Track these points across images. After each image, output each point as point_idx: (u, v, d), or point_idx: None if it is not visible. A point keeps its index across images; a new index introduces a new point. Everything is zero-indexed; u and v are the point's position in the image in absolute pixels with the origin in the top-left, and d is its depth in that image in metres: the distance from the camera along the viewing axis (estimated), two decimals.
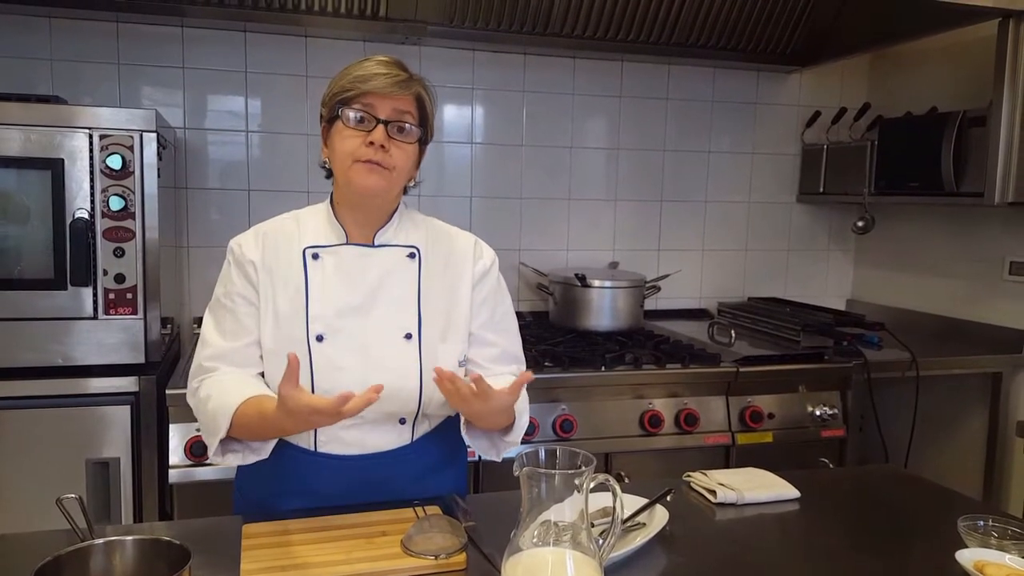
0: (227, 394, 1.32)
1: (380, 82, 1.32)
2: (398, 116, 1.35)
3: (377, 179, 1.34)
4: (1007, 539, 1.29)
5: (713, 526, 1.44)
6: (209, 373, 1.39)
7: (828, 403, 2.51)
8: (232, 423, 1.29)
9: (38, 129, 2.00)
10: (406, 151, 1.37)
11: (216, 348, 1.40)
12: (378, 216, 1.44)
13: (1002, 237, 2.79)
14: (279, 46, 2.71)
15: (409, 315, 1.42)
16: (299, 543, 1.25)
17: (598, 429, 2.32)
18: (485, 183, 2.99)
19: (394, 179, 1.37)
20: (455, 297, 1.47)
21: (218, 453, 1.34)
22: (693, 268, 3.27)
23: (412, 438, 1.45)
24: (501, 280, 1.54)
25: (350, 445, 1.40)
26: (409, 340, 1.41)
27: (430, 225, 1.52)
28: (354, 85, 1.33)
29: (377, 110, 1.34)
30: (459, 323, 1.46)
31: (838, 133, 3.17)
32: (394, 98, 1.34)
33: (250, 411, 1.29)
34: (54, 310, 2.05)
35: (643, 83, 3.11)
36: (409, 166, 1.40)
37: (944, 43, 2.89)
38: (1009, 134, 2.41)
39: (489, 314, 1.50)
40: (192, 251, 2.70)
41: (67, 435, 2.05)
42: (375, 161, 1.33)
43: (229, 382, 1.36)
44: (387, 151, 1.33)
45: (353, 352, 1.39)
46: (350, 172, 1.35)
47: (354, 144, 1.34)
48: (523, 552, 1.02)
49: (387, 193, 1.40)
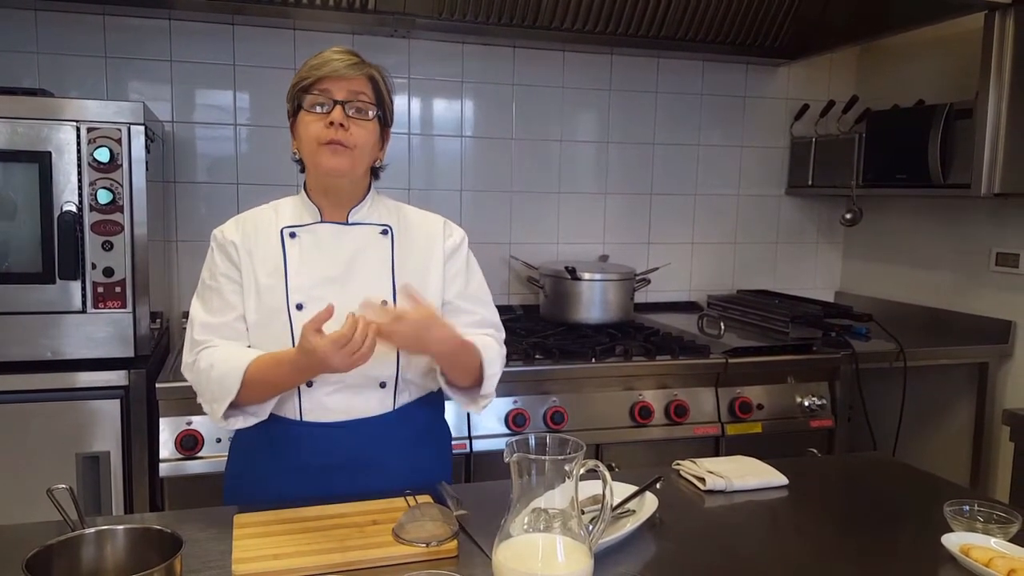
0: (231, 358, 1.40)
1: (333, 66, 1.41)
2: (353, 96, 1.42)
3: (341, 159, 1.42)
4: (992, 523, 1.30)
5: (702, 513, 1.46)
6: (203, 345, 1.45)
7: (817, 394, 2.53)
8: (244, 381, 1.35)
9: (25, 122, 1.99)
10: (366, 128, 1.44)
11: (205, 323, 1.47)
12: (349, 197, 1.51)
13: (988, 228, 2.81)
14: (267, 39, 2.70)
15: (385, 285, 1.49)
16: (290, 532, 1.26)
17: (589, 420, 2.33)
18: (475, 177, 2.99)
19: (357, 157, 1.44)
20: (427, 272, 1.54)
21: (223, 418, 1.40)
22: (683, 261, 3.28)
23: (394, 405, 1.49)
24: (471, 256, 1.61)
25: (334, 412, 1.46)
26: (385, 307, 1.46)
27: (400, 208, 1.60)
28: (310, 72, 1.42)
29: (333, 92, 1.41)
30: (432, 295, 1.52)
31: (826, 126, 3.19)
32: (348, 79, 1.42)
33: (263, 363, 1.38)
34: (42, 304, 2.04)
35: (632, 76, 3.11)
36: (371, 144, 1.47)
37: (931, 36, 2.91)
38: (995, 126, 2.43)
39: (462, 285, 1.57)
40: (181, 245, 2.69)
41: (57, 429, 2.04)
42: (337, 140, 1.40)
43: (229, 349, 1.43)
44: (347, 130, 1.41)
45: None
46: (316, 156, 1.42)
47: (317, 128, 1.41)
48: (513, 538, 1.03)
49: (353, 172, 1.46)
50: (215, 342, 1.44)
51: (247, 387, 1.37)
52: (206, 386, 1.42)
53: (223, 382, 1.37)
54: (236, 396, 1.37)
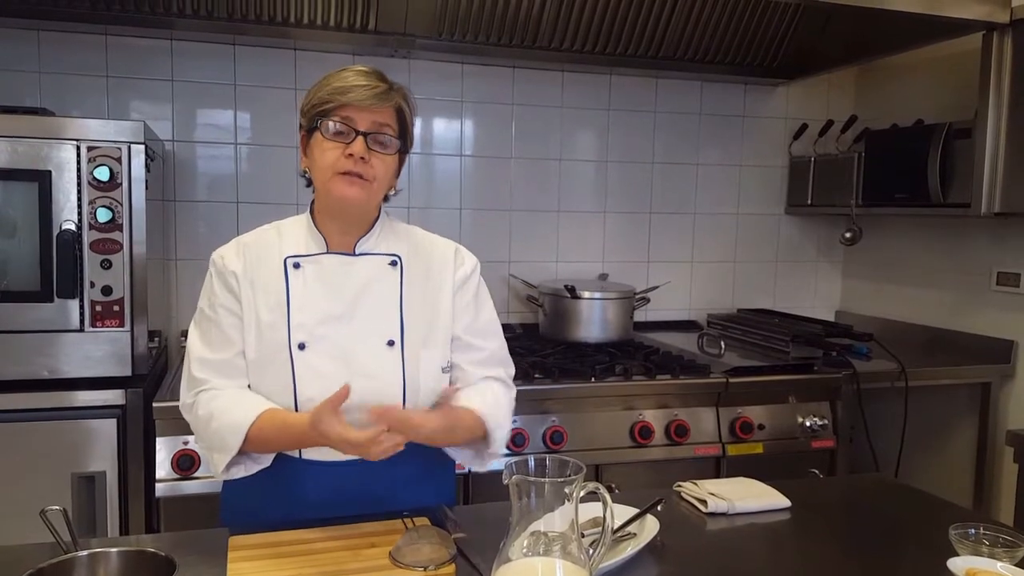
0: (232, 412, 1.34)
1: (359, 94, 1.33)
2: (377, 128, 1.36)
3: (357, 191, 1.36)
4: (998, 547, 1.29)
5: (704, 536, 1.44)
6: (202, 386, 1.40)
7: (818, 414, 2.51)
8: (247, 439, 1.31)
9: (25, 141, 1.99)
10: (386, 162, 1.38)
11: (204, 360, 1.41)
12: (359, 225, 1.45)
13: (989, 248, 2.81)
14: (268, 59, 2.71)
15: (391, 322, 1.43)
16: (286, 555, 1.24)
17: (588, 441, 2.32)
18: (474, 195, 3.00)
19: (374, 190, 1.38)
20: (437, 304, 1.48)
21: (224, 469, 1.35)
22: (682, 280, 3.28)
23: None
24: (483, 286, 1.55)
25: (334, 451, 1.39)
26: (391, 347, 1.42)
27: (411, 234, 1.53)
28: (333, 97, 1.34)
29: (356, 122, 1.35)
30: (441, 329, 1.47)
31: (825, 145, 3.20)
32: (373, 111, 1.35)
33: (267, 425, 1.33)
34: (40, 323, 2.03)
35: (631, 96, 3.13)
36: (389, 176, 1.42)
37: (929, 56, 2.92)
38: (994, 145, 2.43)
39: (472, 318, 1.51)
40: (180, 264, 2.69)
41: (53, 449, 2.03)
42: (355, 173, 1.34)
43: (229, 400, 1.37)
44: (367, 163, 1.34)
45: (335, 360, 1.39)
46: (330, 184, 1.36)
47: (334, 156, 1.35)
48: (513, 562, 1.02)
49: (367, 203, 1.41)
50: (214, 383, 1.40)
51: (250, 443, 1.33)
52: (204, 435, 1.38)
53: (224, 438, 1.33)
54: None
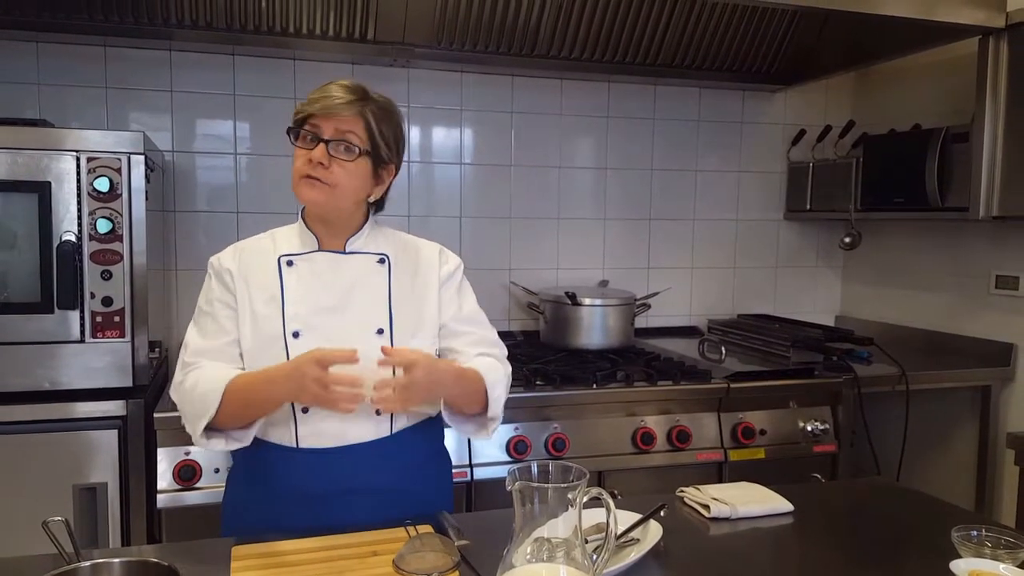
0: (215, 377, 1.40)
1: (323, 104, 1.42)
2: (340, 135, 1.43)
3: (317, 193, 1.43)
4: (1001, 548, 1.29)
5: (707, 541, 1.44)
6: (192, 367, 1.46)
7: (819, 418, 2.51)
8: (224, 396, 1.36)
9: (25, 152, 1.99)
10: (347, 168, 1.44)
11: (197, 346, 1.48)
12: (344, 228, 1.52)
13: (987, 251, 2.81)
14: (267, 69, 2.72)
15: (380, 313, 1.50)
16: (289, 564, 1.24)
17: (590, 447, 2.31)
18: (474, 203, 3.00)
19: (336, 194, 1.45)
20: (424, 297, 1.55)
21: (203, 436, 1.40)
22: (683, 286, 3.28)
23: (391, 431, 1.49)
24: (465, 282, 1.64)
25: (330, 437, 1.45)
26: (381, 335, 1.48)
27: (398, 237, 1.62)
28: (303, 107, 1.45)
29: (321, 131, 1.43)
30: (429, 320, 1.54)
31: (823, 151, 3.20)
32: (337, 119, 1.42)
33: (244, 378, 1.40)
34: (41, 334, 2.03)
35: (630, 103, 3.13)
36: (355, 183, 1.47)
37: (926, 61, 2.94)
38: (992, 149, 2.44)
39: (457, 308, 1.59)
40: (180, 274, 2.69)
41: (54, 460, 2.02)
42: (314, 176, 1.42)
43: (215, 368, 1.44)
44: (327, 168, 1.42)
45: (328, 346, 1.41)
46: (297, 187, 1.46)
47: (300, 162, 1.44)
48: (516, 568, 1.01)
49: (329, 205, 1.46)
50: (204, 363, 1.45)
51: (229, 401, 1.37)
52: (189, 404, 1.42)
53: (204, 398, 1.38)
54: (217, 412, 1.37)
